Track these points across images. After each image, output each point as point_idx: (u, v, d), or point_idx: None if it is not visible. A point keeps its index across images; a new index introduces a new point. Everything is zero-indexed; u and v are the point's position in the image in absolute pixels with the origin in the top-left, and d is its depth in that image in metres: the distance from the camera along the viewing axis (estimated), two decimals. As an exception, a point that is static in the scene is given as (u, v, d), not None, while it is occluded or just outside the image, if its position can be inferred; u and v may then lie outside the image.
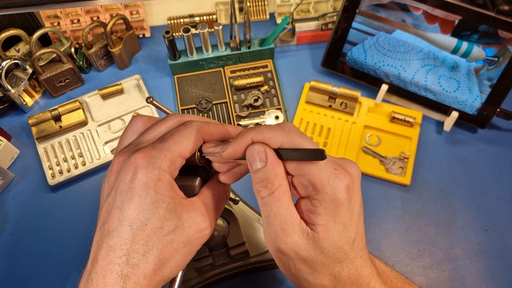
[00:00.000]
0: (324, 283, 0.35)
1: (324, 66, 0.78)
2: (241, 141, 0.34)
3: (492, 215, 0.65)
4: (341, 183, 0.33)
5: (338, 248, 0.34)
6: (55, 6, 0.59)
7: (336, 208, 0.33)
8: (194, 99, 0.75)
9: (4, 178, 0.68)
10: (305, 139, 0.34)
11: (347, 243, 0.34)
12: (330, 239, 0.33)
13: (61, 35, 0.75)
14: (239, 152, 0.35)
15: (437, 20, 0.66)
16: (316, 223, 0.33)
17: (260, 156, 0.34)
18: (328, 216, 0.33)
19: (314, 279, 0.35)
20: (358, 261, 0.35)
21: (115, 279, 0.32)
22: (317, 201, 0.33)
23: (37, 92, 0.76)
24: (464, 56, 0.66)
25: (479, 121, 0.70)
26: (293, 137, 0.34)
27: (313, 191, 0.34)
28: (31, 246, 0.64)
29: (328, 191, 0.33)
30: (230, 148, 0.35)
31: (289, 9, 0.83)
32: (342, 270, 0.34)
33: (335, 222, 0.33)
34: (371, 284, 0.36)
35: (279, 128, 0.34)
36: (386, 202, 0.66)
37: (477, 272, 0.61)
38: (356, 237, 0.35)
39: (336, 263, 0.34)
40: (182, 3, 0.83)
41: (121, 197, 0.33)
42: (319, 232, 0.33)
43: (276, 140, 0.34)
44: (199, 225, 0.35)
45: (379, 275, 0.37)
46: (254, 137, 0.34)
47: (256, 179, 0.34)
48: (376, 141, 0.71)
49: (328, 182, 0.33)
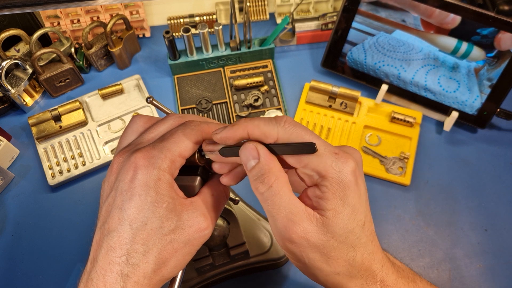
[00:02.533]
0: (339, 270, 0.34)
1: (324, 66, 0.78)
2: (237, 129, 0.34)
3: (492, 215, 0.65)
4: (344, 165, 0.33)
5: (350, 231, 0.33)
6: (55, 6, 0.59)
7: (344, 191, 0.33)
8: (194, 99, 0.75)
9: (4, 178, 0.68)
10: (302, 130, 0.34)
11: (358, 226, 0.34)
12: (341, 223, 0.33)
13: (61, 35, 0.75)
14: (231, 139, 0.35)
15: (432, 28, 0.66)
16: (326, 208, 0.33)
17: (252, 154, 0.34)
18: (337, 200, 0.33)
19: (329, 267, 0.34)
20: (370, 246, 0.35)
21: (115, 278, 0.32)
22: (325, 187, 0.33)
23: (37, 92, 0.76)
24: (464, 56, 0.66)
25: (479, 121, 0.70)
26: (289, 131, 0.34)
27: (319, 178, 0.34)
28: (31, 246, 0.64)
29: (333, 175, 0.33)
30: (224, 132, 0.35)
31: (289, 9, 0.83)
32: (355, 255, 0.34)
33: (344, 205, 0.33)
34: (384, 270, 0.36)
35: (275, 122, 0.34)
36: (386, 202, 0.66)
37: (477, 272, 0.61)
38: (366, 220, 0.35)
39: (349, 248, 0.34)
40: (182, 3, 0.83)
41: (121, 196, 0.33)
42: (329, 216, 0.33)
43: (272, 136, 0.34)
44: (199, 225, 0.35)
45: (390, 262, 0.37)
46: (250, 130, 0.34)
47: (252, 176, 0.34)
48: (376, 141, 0.71)
49: (332, 167, 0.33)
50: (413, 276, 0.38)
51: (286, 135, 0.34)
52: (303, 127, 0.34)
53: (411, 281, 0.37)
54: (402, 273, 0.37)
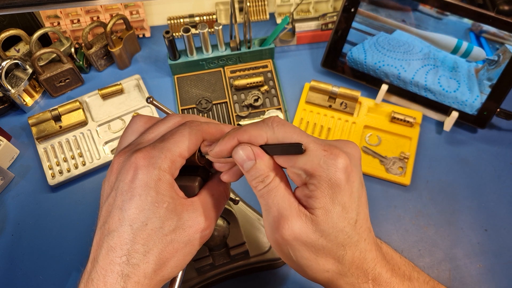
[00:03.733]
0: (328, 268, 0.34)
1: (324, 66, 0.78)
2: (228, 141, 0.35)
3: (492, 215, 0.65)
4: (334, 162, 0.33)
5: (339, 230, 0.33)
6: (55, 6, 0.59)
7: (333, 189, 0.33)
8: (194, 99, 0.75)
9: (4, 178, 0.68)
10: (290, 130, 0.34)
11: (349, 225, 0.33)
12: (330, 221, 0.33)
13: (61, 35, 0.75)
14: (225, 152, 0.35)
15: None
16: (315, 207, 0.33)
17: (248, 155, 0.34)
18: (325, 198, 0.33)
19: (317, 265, 0.34)
20: (362, 244, 0.34)
21: (115, 279, 0.32)
22: (313, 185, 0.33)
23: (37, 92, 0.76)
24: (464, 56, 0.66)
25: (479, 121, 0.70)
26: (276, 131, 0.34)
27: (307, 177, 0.34)
28: (31, 246, 0.64)
29: (321, 173, 0.33)
30: (217, 147, 0.35)
31: (289, 9, 0.83)
32: (345, 254, 0.34)
33: (333, 203, 0.33)
34: (376, 269, 0.35)
35: (263, 124, 0.34)
36: (386, 202, 0.66)
37: (477, 272, 0.61)
38: (358, 218, 0.34)
39: (339, 247, 0.33)
40: (182, 3, 0.83)
41: (121, 197, 0.33)
42: (318, 215, 0.33)
43: (261, 137, 0.34)
44: (199, 225, 0.35)
45: (385, 260, 0.36)
46: (240, 137, 0.34)
47: (251, 177, 0.35)
48: (376, 141, 0.71)
49: (319, 165, 0.33)
50: (410, 273, 0.38)
51: (274, 135, 0.34)
52: (292, 126, 0.34)
53: (406, 279, 0.37)
54: (398, 271, 0.37)
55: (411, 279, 0.37)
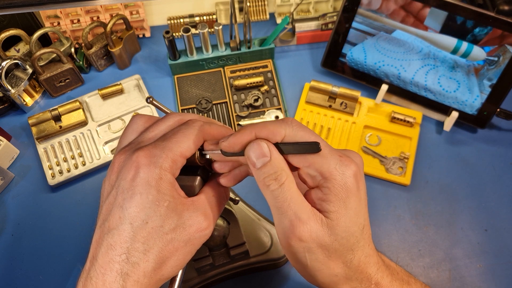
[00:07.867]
0: (337, 272, 0.35)
1: (324, 66, 0.78)
2: (244, 133, 0.35)
3: (492, 215, 0.65)
4: (347, 169, 0.34)
5: (351, 234, 0.34)
6: (55, 6, 0.59)
7: (347, 193, 0.33)
8: (194, 99, 0.75)
9: (4, 178, 0.68)
10: (307, 132, 0.34)
11: (358, 229, 0.34)
12: (344, 225, 0.34)
13: (61, 35, 0.75)
14: (238, 145, 0.35)
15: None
16: (329, 210, 0.34)
17: (264, 150, 0.34)
18: (339, 203, 0.33)
19: (328, 268, 0.35)
20: (367, 249, 0.35)
21: (114, 277, 0.32)
22: (327, 189, 0.34)
23: (37, 92, 0.76)
24: (464, 56, 0.66)
25: (479, 121, 0.70)
26: (295, 130, 0.34)
27: (322, 179, 0.34)
28: (31, 246, 0.64)
29: (337, 177, 0.33)
30: (232, 138, 0.35)
31: (289, 9, 0.83)
32: (353, 258, 0.35)
33: (346, 208, 0.34)
34: (379, 274, 0.36)
35: (282, 122, 0.35)
36: (386, 202, 0.66)
37: (477, 272, 0.61)
38: (365, 224, 0.35)
39: (349, 250, 0.34)
40: (182, 3, 0.83)
41: (122, 195, 0.33)
42: (333, 218, 0.33)
43: (280, 133, 0.34)
44: (199, 225, 0.35)
45: (385, 265, 0.38)
46: (258, 132, 0.35)
47: (263, 174, 0.34)
48: (376, 141, 0.71)
49: (336, 169, 0.33)
50: (407, 278, 0.39)
51: (293, 133, 0.34)
52: (308, 129, 0.35)
53: (405, 283, 0.38)
54: (396, 276, 0.38)
55: (409, 284, 0.39)
